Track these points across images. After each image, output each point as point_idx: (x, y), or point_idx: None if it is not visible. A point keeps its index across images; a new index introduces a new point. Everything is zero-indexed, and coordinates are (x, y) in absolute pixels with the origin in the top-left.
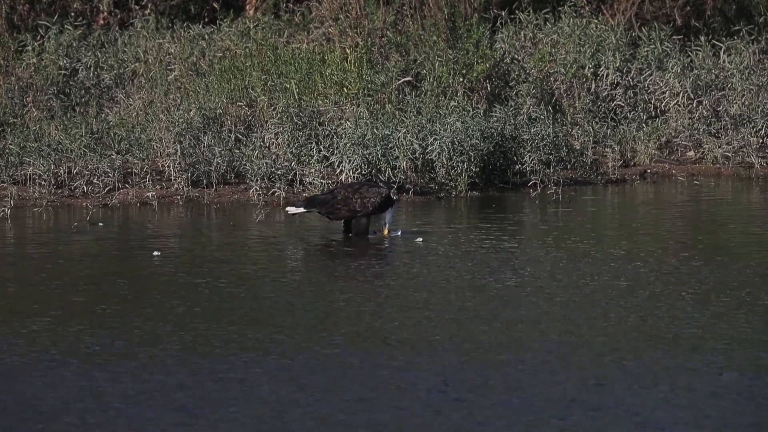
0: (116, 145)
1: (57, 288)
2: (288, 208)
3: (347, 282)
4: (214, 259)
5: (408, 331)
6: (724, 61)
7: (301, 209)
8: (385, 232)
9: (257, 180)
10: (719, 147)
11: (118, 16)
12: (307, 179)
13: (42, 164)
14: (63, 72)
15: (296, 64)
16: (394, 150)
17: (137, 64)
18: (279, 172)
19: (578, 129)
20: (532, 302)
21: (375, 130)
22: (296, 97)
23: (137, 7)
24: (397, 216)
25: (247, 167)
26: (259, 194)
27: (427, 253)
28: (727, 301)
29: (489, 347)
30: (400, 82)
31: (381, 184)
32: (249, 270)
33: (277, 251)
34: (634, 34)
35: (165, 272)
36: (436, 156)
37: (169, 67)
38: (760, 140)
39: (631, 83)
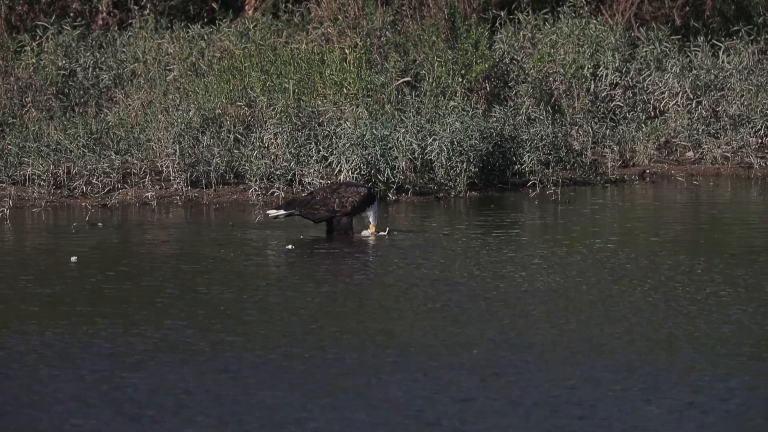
0: (115, 146)
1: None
2: (268, 211)
3: (332, 284)
4: (210, 260)
5: (405, 331)
6: (723, 62)
7: (282, 211)
8: (372, 229)
9: (256, 180)
10: (718, 147)
11: (117, 17)
12: (306, 179)
13: (41, 164)
14: (62, 72)
15: (295, 65)
16: (393, 150)
17: (136, 64)
18: (278, 173)
19: (577, 129)
20: (530, 302)
21: (374, 130)
22: (295, 97)
23: (136, 8)
24: (395, 216)
25: (246, 167)
26: (258, 194)
27: (425, 254)
28: (727, 302)
29: (485, 347)
30: (399, 82)
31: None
32: (242, 271)
33: (270, 253)
34: (633, 35)
35: (160, 273)
36: (435, 156)
37: (168, 68)
38: (759, 140)
39: (630, 83)
